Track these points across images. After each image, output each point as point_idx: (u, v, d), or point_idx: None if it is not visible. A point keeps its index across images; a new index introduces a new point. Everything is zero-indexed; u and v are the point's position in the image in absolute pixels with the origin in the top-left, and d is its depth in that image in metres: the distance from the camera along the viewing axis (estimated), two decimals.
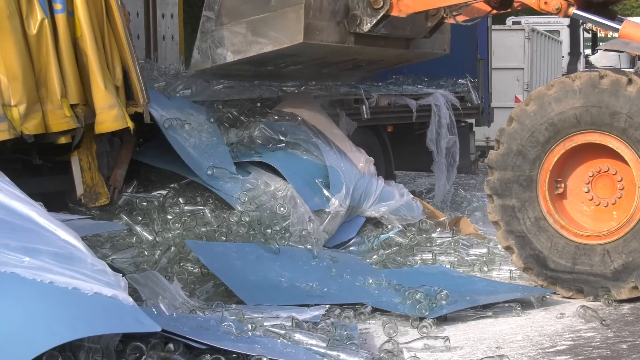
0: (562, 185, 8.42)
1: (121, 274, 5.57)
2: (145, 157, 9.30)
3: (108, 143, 8.99)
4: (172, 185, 9.30)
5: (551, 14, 8.99)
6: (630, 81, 8.08)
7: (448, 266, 9.06)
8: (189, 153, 9.05)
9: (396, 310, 7.29)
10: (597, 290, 8.02)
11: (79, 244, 5.57)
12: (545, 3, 8.86)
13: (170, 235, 8.55)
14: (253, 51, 9.37)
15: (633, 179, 8.07)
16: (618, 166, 8.22)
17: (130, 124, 8.31)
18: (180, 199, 9.09)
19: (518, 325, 7.30)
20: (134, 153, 9.14)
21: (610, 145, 8.09)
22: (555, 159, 8.27)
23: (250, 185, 9.17)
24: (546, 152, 8.29)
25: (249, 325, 6.33)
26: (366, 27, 9.60)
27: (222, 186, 9.04)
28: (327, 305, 7.20)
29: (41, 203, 5.92)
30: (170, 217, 8.78)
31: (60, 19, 7.94)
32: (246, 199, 8.95)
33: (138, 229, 8.57)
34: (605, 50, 8.13)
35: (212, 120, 9.58)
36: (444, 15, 9.79)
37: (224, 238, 8.49)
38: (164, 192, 9.16)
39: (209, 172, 8.99)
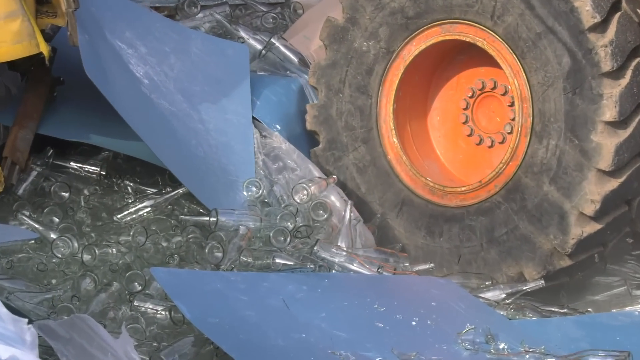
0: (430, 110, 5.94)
1: (26, 320, 4.07)
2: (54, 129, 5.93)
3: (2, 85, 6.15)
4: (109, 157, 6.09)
5: None
6: None
7: None
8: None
9: None
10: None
11: None
12: None
13: (112, 251, 5.60)
14: None
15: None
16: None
17: (46, 50, 5.60)
18: (129, 183, 5.98)
19: None
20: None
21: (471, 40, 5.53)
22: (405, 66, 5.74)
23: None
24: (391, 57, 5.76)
25: None
26: None
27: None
28: None
29: None
30: (117, 218, 5.76)
31: None
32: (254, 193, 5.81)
33: (54, 236, 5.60)
34: None
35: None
36: None
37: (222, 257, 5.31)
38: (101, 171, 5.99)
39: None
